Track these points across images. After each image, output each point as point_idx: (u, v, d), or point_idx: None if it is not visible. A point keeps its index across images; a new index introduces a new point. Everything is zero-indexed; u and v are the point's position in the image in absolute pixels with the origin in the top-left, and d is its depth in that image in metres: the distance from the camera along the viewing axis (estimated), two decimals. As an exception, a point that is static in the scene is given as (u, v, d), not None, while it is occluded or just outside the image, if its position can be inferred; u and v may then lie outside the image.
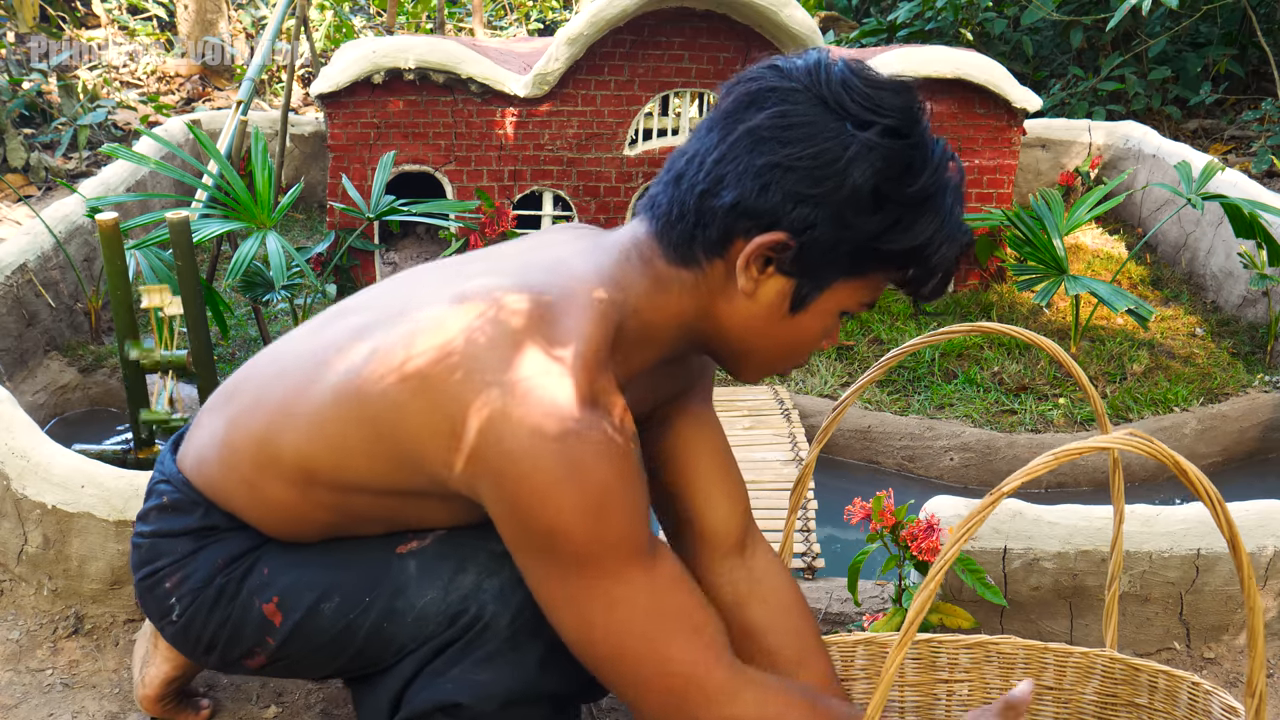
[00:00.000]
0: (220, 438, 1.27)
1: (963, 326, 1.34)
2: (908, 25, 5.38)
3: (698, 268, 1.12)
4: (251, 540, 1.29)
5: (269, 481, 1.22)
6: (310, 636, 1.26)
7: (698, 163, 1.11)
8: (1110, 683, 1.43)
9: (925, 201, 1.09)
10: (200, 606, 1.28)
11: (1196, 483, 1.00)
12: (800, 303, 1.12)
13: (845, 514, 1.74)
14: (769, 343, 1.15)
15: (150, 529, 1.32)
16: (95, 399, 2.82)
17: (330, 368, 1.15)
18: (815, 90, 1.08)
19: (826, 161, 1.06)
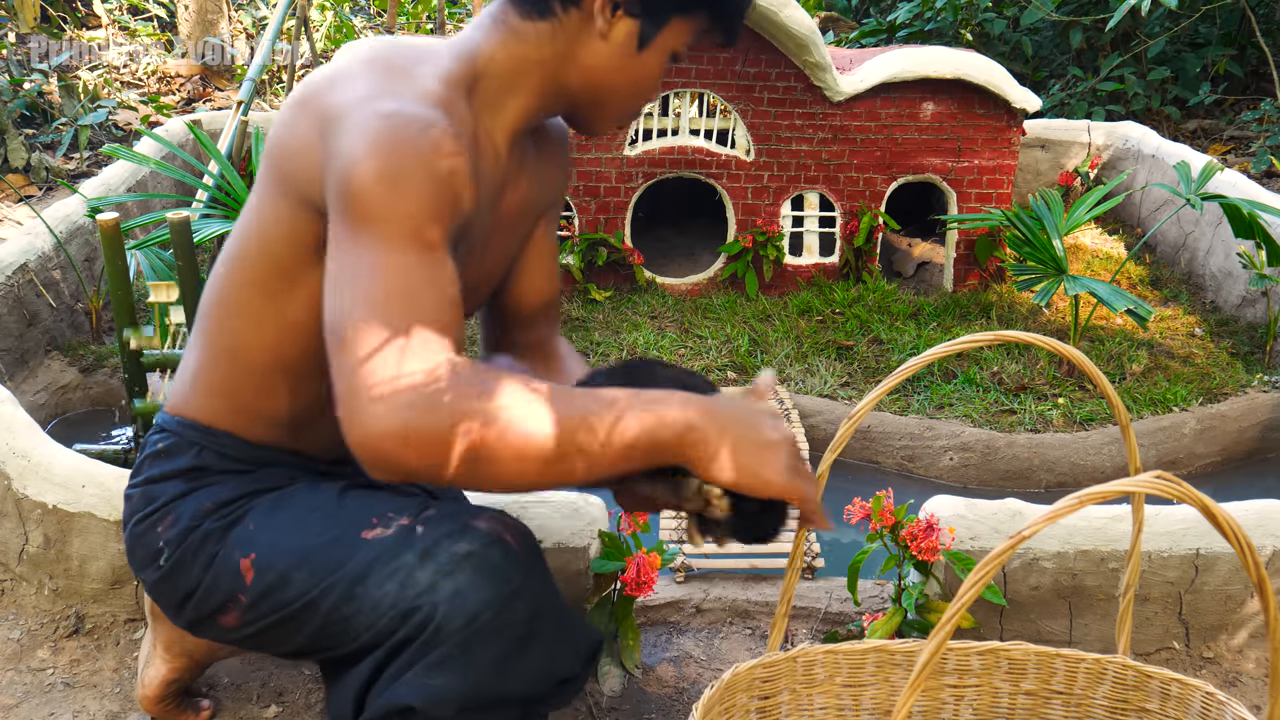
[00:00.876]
0: (196, 340, 1.35)
1: (986, 336, 1.32)
2: (907, 25, 5.39)
3: (554, 19, 1.25)
4: (241, 487, 1.31)
5: (241, 308, 1.28)
6: (277, 603, 1.27)
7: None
8: (1121, 688, 1.44)
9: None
10: (186, 550, 1.30)
11: (1225, 526, 0.99)
12: (645, 40, 1.26)
13: (845, 514, 1.74)
14: (621, 81, 1.28)
15: (141, 478, 1.35)
16: (96, 399, 2.83)
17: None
18: None
19: None
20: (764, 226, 3.36)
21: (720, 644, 1.85)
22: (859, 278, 3.37)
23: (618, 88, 1.29)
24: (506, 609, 1.19)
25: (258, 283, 1.27)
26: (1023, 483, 2.58)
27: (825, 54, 3.21)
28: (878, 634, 1.70)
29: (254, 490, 1.33)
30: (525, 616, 1.20)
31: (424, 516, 1.25)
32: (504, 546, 1.21)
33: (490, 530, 1.22)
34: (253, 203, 1.28)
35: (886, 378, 1.36)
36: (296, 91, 1.24)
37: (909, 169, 3.36)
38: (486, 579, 1.18)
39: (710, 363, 2.91)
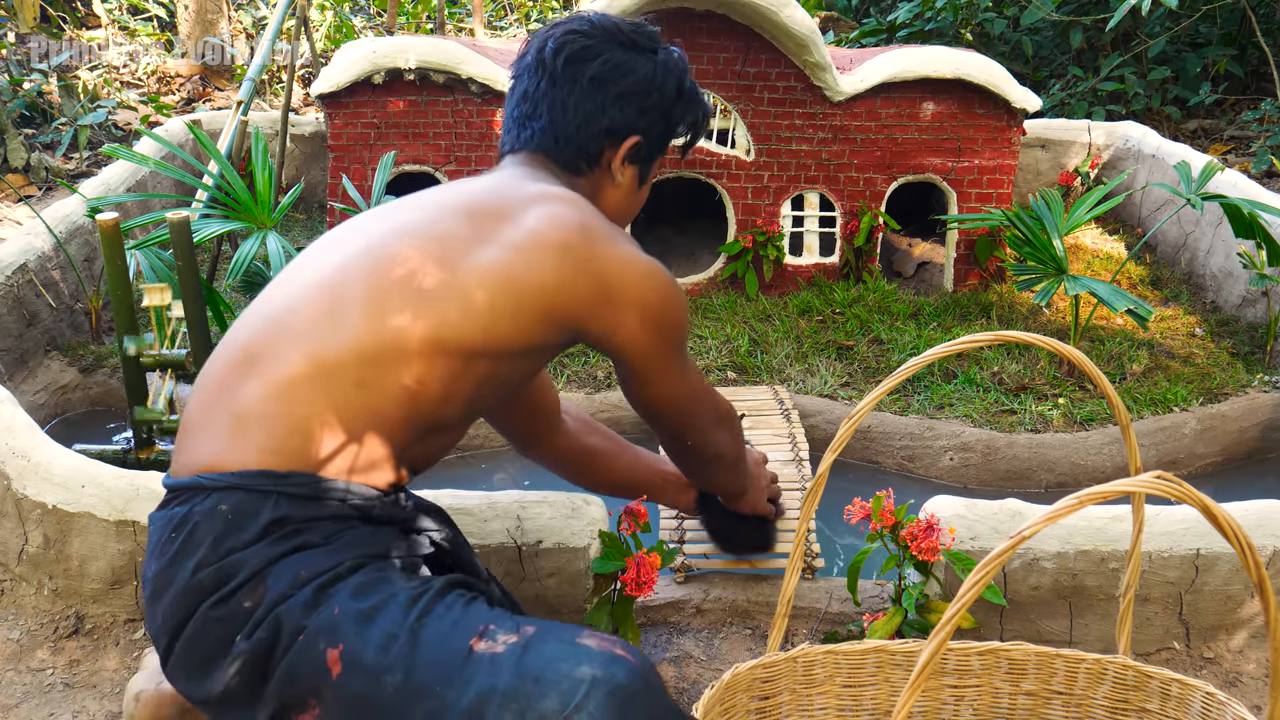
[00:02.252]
0: (293, 379, 1.25)
1: (986, 336, 1.32)
2: (908, 25, 5.39)
3: (582, 176, 1.56)
4: (335, 555, 1.22)
5: (389, 370, 1.28)
6: (362, 709, 1.17)
7: (560, 108, 1.53)
8: (1122, 689, 1.44)
9: (694, 88, 1.62)
10: (271, 624, 1.18)
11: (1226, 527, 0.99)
12: (644, 179, 1.62)
13: (845, 514, 1.74)
14: (626, 213, 1.63)
15: (205, 553, 1.21)
16: (95, 399, 2.82)
17: (457, 251, 1.36)
18: (616, 38, 1.54)
19: (647, 80, 1.54)
20: (764, 226, 3.35)
21: (720, 644, 1.85)
22: (859, 278, 3.37)
23: (624, 216, 1.63)
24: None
25: (457, 350, 1.32)
26: (1023, 483, 2.57)
27: (825, 54, 3.21)
28: (878, 634, 1.70)
29: (349, 561, 1.23)
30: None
31: (526, 635, 1.18)
32: (624, 664, 1.15)
33: (602, 648, 1.17)
34: (469, 299, 1.33)
35: (887, 378, 1.36)
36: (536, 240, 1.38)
37: (909, 169, 3.36)
38: (621, 708, 1.12)
39: (710, 363, 2.91)
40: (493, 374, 1.37)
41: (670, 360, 1.49)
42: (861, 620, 1.80)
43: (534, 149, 1.55)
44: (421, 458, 1.40)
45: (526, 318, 1.36)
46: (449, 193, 1.46)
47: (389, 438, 1.29)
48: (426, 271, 1.33)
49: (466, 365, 1.33)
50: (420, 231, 1.37)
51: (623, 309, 1.41)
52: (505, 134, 1.59)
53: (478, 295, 1.33)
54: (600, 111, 1.52)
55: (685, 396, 1.54)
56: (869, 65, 3.30)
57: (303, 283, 1.35)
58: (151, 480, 1.81)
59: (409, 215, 1.42)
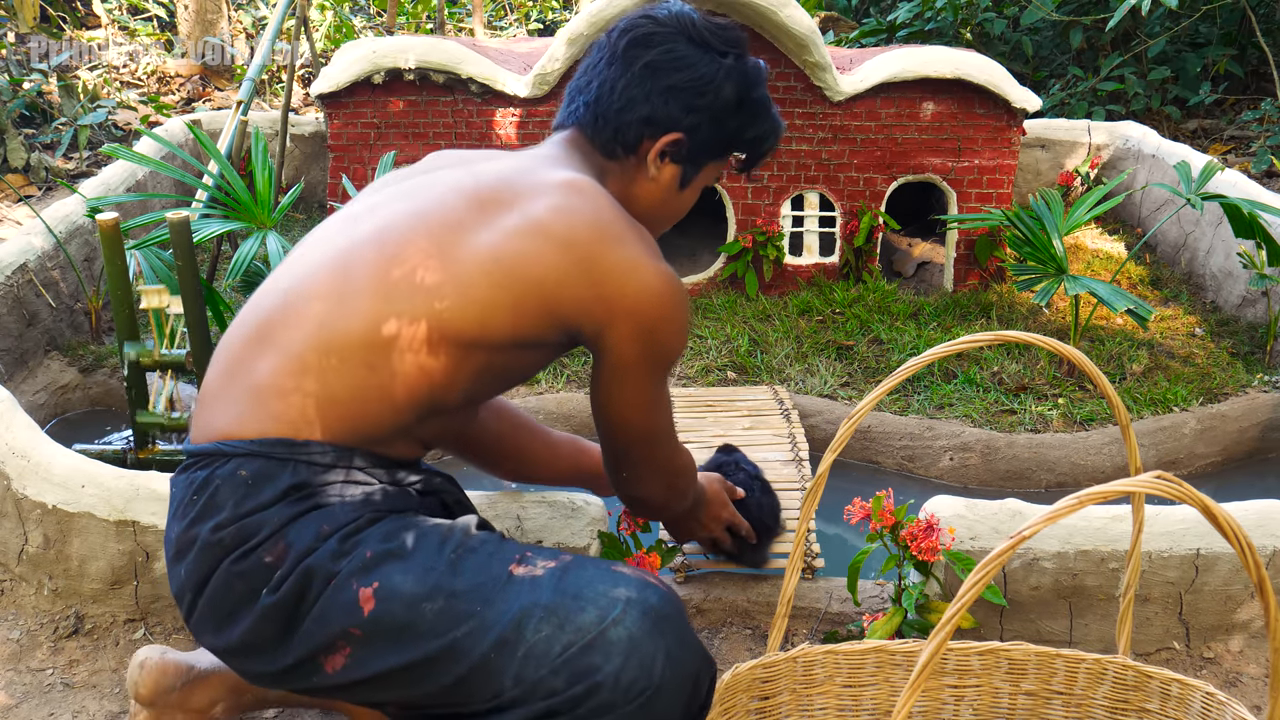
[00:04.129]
0: (304, 354, 1.29)
1: (986, 336, 1.32)
2: (908, 25, 5.39)
3: (616, 160, 1.52)
4: (354, 510, 1.26)
5: (394, 357, 1.30)
6: (403, 639, 1.21)
7: (609, 88, 1.49)
8: (1121, 689, 1.43)
9: (763, 103, 1.55)
10: (300, 575, 1.22)
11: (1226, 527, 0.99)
12: (686, 181, 1.55)
13: (845, 514, 1.74)
14: (664, 212, 1.57)
15: (227, 515, 1.25)
16: (95, 399, 2.82)
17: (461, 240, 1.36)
18: (686, 33, 1.50)
19: (706, 80, 1.49)
20: (764, 226, 3.35)
21: (720, 644, 1.85)
22: (859, 278, 3.37)
23: (660, 218, 1.58)
24: (680, 653, 1.21)
25: (456, 339, 1.32)
26: (1023, 483, 2.57)
27: (825, 54, 3.21)
28: (878, 634, 1.70)
29: (368, 515, 1.27)
30: (694, 656, 1.23)
31: (564, 562, 1.27)
32: (658, 590, 1.25)
33: (637, 574, 1.26)
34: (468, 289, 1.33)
35: (886, 378, 1.36)
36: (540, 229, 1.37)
37: (909, 169, 3.36)
38: (655, 625, 1.20)
39: (710, 363, 2.91)
40: (490, 364, 1.36)
41: (645, 378, 1.42)
42: (861, 620, 1.80)
43: (576, 124, 1.53)
44: (432, 436, 1.42)
45: (525, 311, 1.34)
46: (467, 174, 1.45)
47: (397, 416, 1.32)
48: (430, 261, 1.33)
49: (466, 355, 1.33)
50: (430, 218, 1.37)
51: (616, 314, 1.36)
52: (561, 107, 1.58)
53: (478, 285, 1.33)
54: (645, 99, 1.48)
55: (643, 422, 1.46)
56: (869, 65, 3.30)
57: (315, 262, 1.38)
58: (151, 480, 1.81)
59: (421, 199, 1.41)
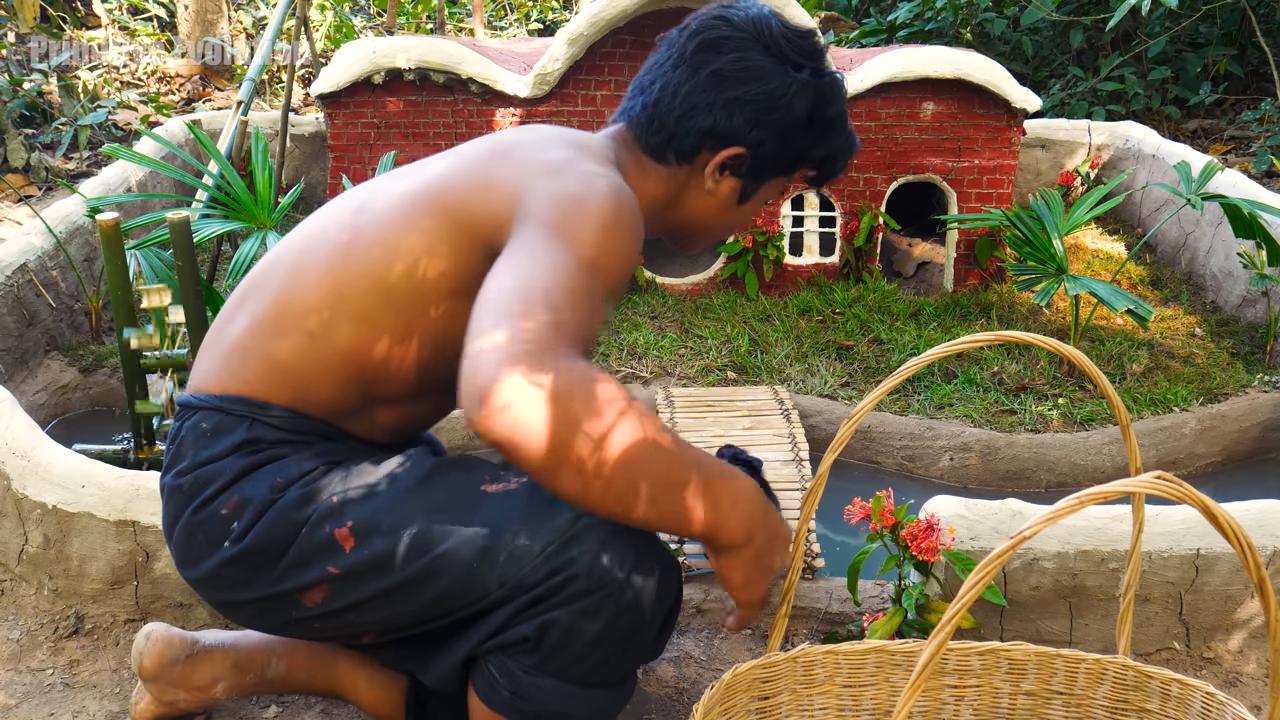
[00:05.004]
0: (262, 316, 1.32)
1: (986, 336, 1.32)
2: (908, 25, 5.39)
3: (667, 166, 1.44)
4: (307, 461, 1.30)
5: (337, 325, 1.29)
6: (384, 567, 1.24)
7: (671, 91, 1.41)
8: (1122, 689, 1.43)
9: (838, 120, 1.47)
10: (261, 531, 1.26)
11: (1226, 527, 0.99)
12: (746, 196, 1.48)
13: (845, 514, 1.74)
14: (718, 224, 1.50)
15: (187, 463, 1.31)
16: (95, 399, 2.82)
17: (376, 202, 1.34)
18: (761, 40, 1.41)
19: (776, 95, 1.40)
20: (764, 226, 3.35)
21: (720, 644, 1.85)
22: (859, 278, 3.37)
23: (714, 229, 1.52)
24: (649, 551, 1.25)
25: (391, 298, 1.29)
26: (1023, 483, 2.57)
27: (825, 54, 3.21)
28: (878, 634, 1.70)
29: (322, 464, 1.30)
30: (662, 555, 1.28)
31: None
32: None
33: None
34: (398, 224, 1.30)
35: (887, 378, 1.36)
36: (489, 143, 1.35)
37: (909, 169, 3.36)
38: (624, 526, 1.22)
39: (710, 363, 2.91)
40: (429, 327, 1.31)
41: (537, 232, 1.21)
42: (861, 620, 1.80)
43: (629, 121, 1.46)
44: (395, 423, 1.41)
45: (450, 243, 1.28)
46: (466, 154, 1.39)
47: (338, 390, 1.33)
48: (375, 224, 1.32)
49: (401, 318, 1.30)
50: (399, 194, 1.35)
51: (528, 209, 1.24)
52: (623, 100, 1.50)
53: (398, 229, 1.30)
54: (708, 108, 1.40)
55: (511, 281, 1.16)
56: (869, 65, 3.30)
57: (303, 232, 1.41)
58: (151, 480, 1.81)
59: (413, 178, 1.38)
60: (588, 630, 1.23)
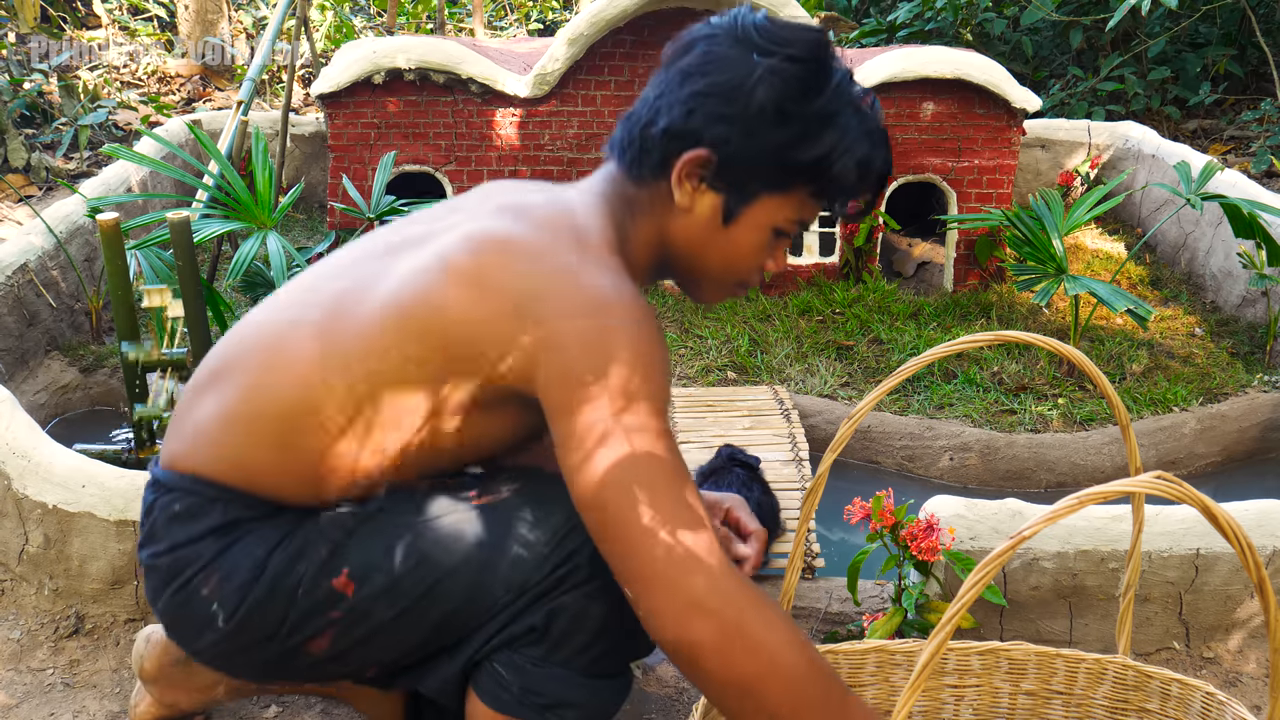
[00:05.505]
0: (233, 411, 1.24)
1: (986, 336, 1.32)
2: (908, 25, 5.39)
3: (647, 188, 1.30)
4: (287, 525, 1.24)
5: (309, 434, 1.21)
6: (390, 601, 1.22)
7: (642, 101, 1.31)
8: (1122, 688, 1.44)
9: (825, 119, 1.25)
10: (253, 603, 1.22)
11: (1226, 528, 0.99)
12: (730, 214, 1.28)
13: (845, 514, 1.74)
14: (712, 256, 1.31)
15: (165, 545, 1.25)
16: (96, 399, 2.83)
17: (362, 302, 1.22)
18: (732, 33, 1.27)
19: (735, 85, 1.24)
20: (764, 226, 3.35)
21: (720, 644, 1.85)
22: (859, 278, 3.37)
23: (707, 262, 1.32)
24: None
25: (372, 418, 1.21)
26: (1023, 483, 2.57)
27: (825, 54, 3.21)
28: (878, 634, 1.70)
29: (300, 524, 1.25)
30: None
31: (525, 479, 1.28)
32: None
33: None
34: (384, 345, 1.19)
35: (886, 378, 1.36)
36: (462, 265, 1.19)
37: (909, 169, 3.36)
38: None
39: (710, 362, 2.91)
40: (419, 442, 1.23)
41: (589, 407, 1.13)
42: (861, 620, 1.80)
43: (612, 150, 1.34)
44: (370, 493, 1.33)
45: (437, 363, 1.18)
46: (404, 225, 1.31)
47: (320, 496, 1.26)
48: (345, 329, 1.21)
49: (385, 434, 1.21)
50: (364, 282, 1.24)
51: (538, 346, 1.15)
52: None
53: (378, 341, 1.19)
54: (669, 108, 1.26)
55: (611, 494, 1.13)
56: (869, 65, 3.30)
57: (279, 312, 1.30)
58: (152, 480, 1.81)
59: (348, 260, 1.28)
60: (594, 614, 1.23)
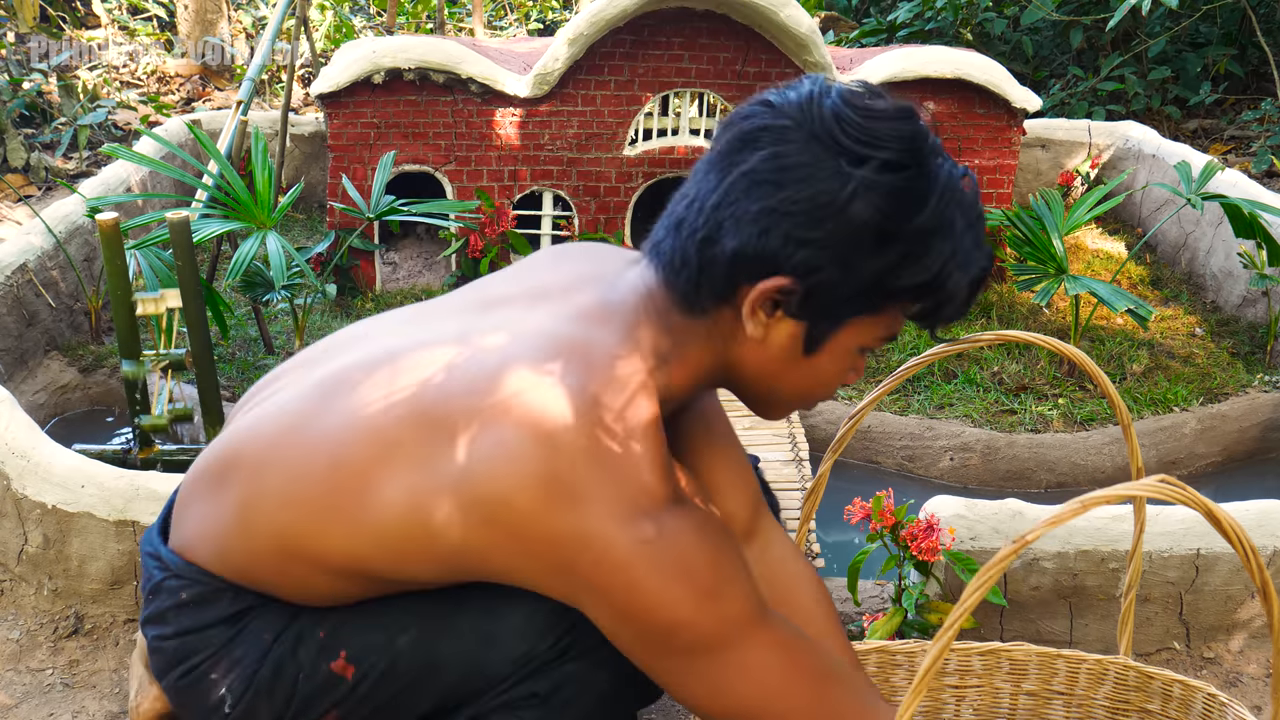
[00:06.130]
0: (232, 524, 1.18)
1: (986, 336, 1.32)
2: (908, 25, 5.39)
3: (706, 316, 1.11)
4: (293, 608, 1.21)
5: (310, 573, 1.16)
6: (392, 679, 1.18)
7: (697, 207, 1.08)
8: (1123, 689, 1.43)
9: (933, 233, 1.06)
10: (260, 686, 1.19)
11: (1229, 530, 0.99)
12: (814, 344, 1.10)
13: (845, 514, 1.74)
14: (787, 384, 1.15)
15: (172, 629, 1.21)
16: (95, 399, 2.82)
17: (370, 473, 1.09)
18: (808, 127, 1.05)
19: (824, 203, 1.03)
20: (764, 226, 3.35)
21: (720, 644, 1.84)
22: (859, 278, 3.36)
23: (780, 388, 1.16)
24: None
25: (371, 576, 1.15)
26: (1023, 483, 2.57)
27: (825, 54, 3.21)
28: (878, 634, 1.70)
29: (305, 610, 1.21)
30: None
31: None
32: None
33: None
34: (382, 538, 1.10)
35: (887, 378, 1.35)
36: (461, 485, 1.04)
37: (909, 169, 3.36)
38: None
39: (710, 363, 2.91)
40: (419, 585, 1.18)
41: (668, 660, 1.07)
42: (862, 620, 1.80)
43: (657, 266, 1.12)
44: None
45: (454, 570, 1.11)
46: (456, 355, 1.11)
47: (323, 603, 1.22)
48: (352, 485, 1.10)
49: (385, 585, 1.17)
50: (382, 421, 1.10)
51: (576, 590, 1.05)
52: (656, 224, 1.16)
53: (392, 535, 1.09)
54: (735, 224, 1.05)
55: (722, 709, 1.08)
56: (869, 65, 3.30)
57: (273, 414, 1.19)
58: (151, 480, 1.81)
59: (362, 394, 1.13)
60: (600, 681, 1.17)
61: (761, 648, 1.07)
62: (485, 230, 3.23)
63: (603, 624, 1.07)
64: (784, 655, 1.08)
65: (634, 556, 1.01)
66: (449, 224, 3.14)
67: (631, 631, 1.05)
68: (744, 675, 1.06)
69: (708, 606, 1.03)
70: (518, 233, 3.27)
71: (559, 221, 3.38)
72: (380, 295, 3.30)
